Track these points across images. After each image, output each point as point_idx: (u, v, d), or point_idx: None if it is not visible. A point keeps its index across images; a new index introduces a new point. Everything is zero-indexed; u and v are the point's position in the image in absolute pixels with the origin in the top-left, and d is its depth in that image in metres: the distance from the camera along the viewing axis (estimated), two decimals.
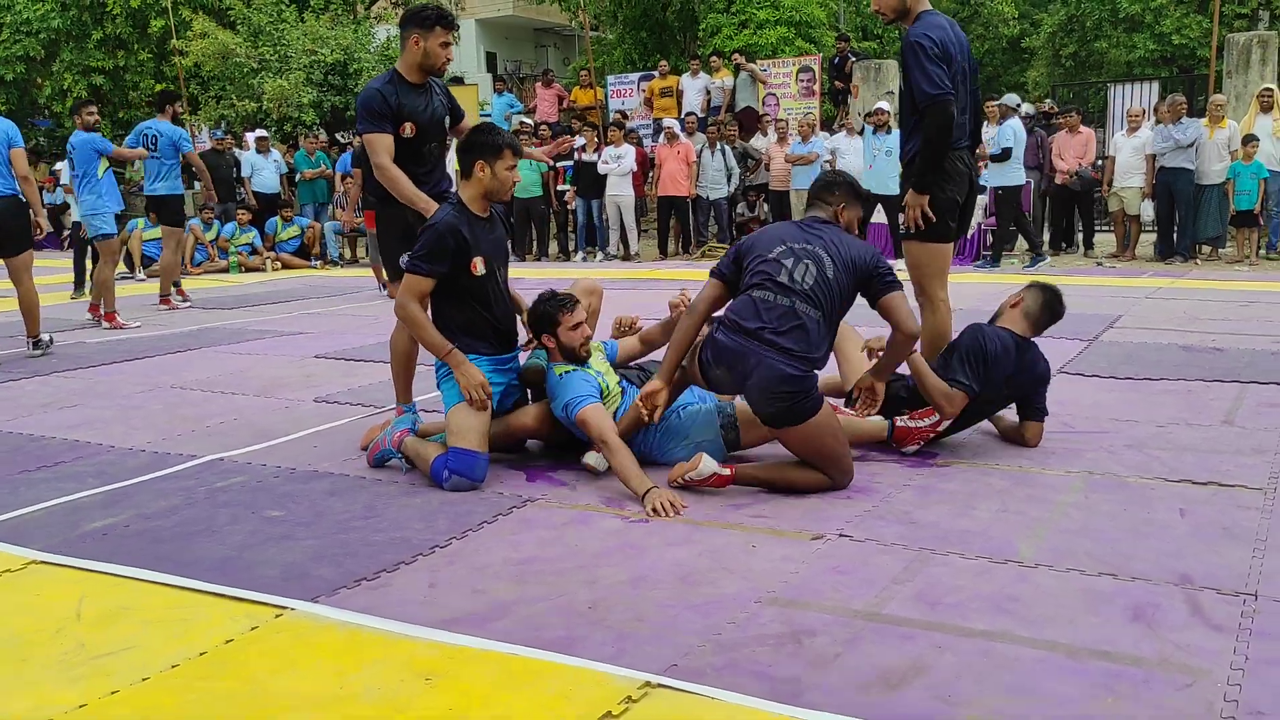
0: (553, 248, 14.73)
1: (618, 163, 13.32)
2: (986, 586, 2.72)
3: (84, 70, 20.86)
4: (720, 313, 3.68)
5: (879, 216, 11.68)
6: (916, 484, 3.63)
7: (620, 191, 13.45)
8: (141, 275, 12.91)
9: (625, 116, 15.94)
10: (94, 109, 8.98)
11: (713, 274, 3.76)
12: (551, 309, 3.92)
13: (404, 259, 3.86)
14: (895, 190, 11.47)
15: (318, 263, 14.33)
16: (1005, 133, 11.37)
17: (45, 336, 7.02)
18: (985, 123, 13.39)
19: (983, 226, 12.09)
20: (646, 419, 3.68)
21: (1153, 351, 5.89)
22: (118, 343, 7.50)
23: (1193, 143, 11.10)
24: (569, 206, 14.31)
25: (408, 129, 4.17)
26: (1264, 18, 20.57)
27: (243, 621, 2.64)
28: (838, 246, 3.55)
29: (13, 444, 4.57)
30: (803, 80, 15.53)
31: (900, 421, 3.97)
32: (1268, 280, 9.36)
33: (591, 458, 3.80)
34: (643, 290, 9.49)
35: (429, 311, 3.86)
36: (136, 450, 4.39)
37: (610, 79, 17.81)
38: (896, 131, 11.75)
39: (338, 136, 16.80)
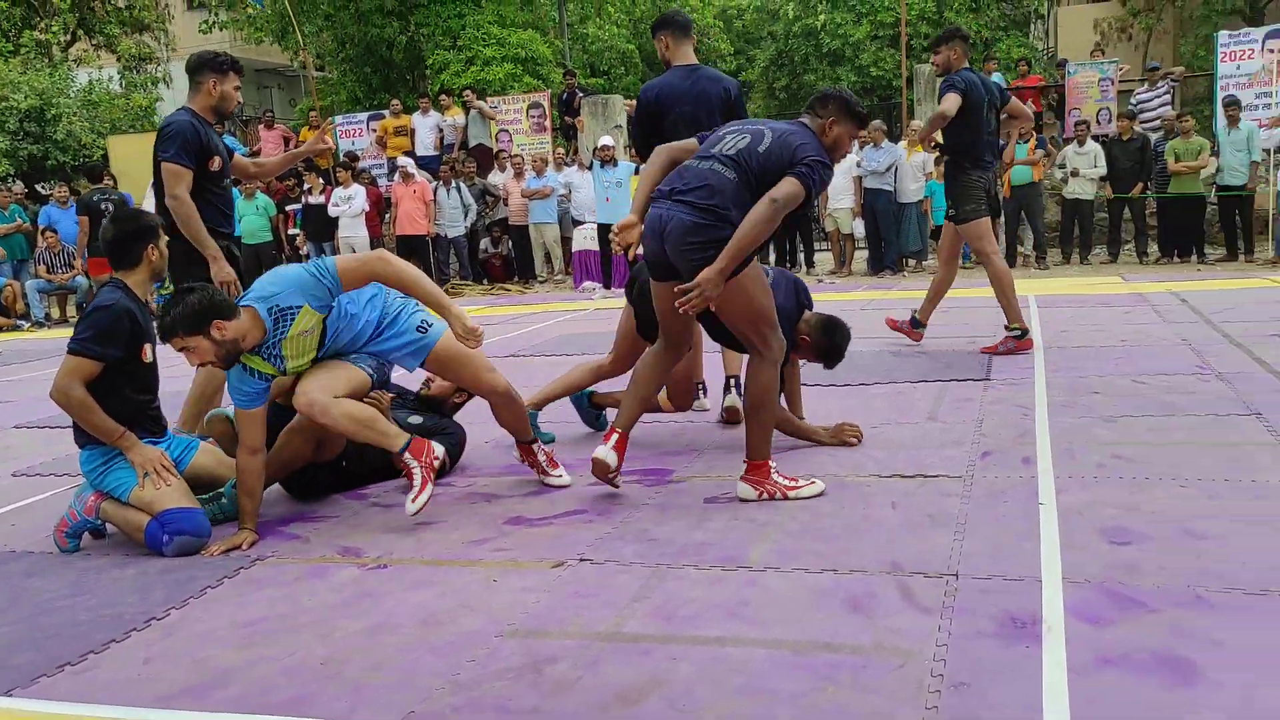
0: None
1: (348, 204, 12.98)
2: (719, 594, 2.81)
3: None
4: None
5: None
6: (655, 502, 3.71)
7: (353, 233, 13.12)
8: None
9: (356, 157, 15.58)
10: None
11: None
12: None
13: (70, 341, 3.59)
14: None
15: (24, 324, 13.12)
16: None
17: None
18: None
19: None
20: (619, 253, 3.76)
21: (868, 358, 6.31)
22: None
23: (889, 166, 12.07)
24: (300, 251, 13.81)
25: (215, 162, 4.52)
26: None
27: None
28: (787, 136, 3.52)
29: None
30: (533, 116, 15.72)
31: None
32: (966, 287, 10.26)
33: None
34: None
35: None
36: None
37: (338, 119, 17.37)
38: (623, 164, 12.14)
39: (38, 188, 15.50)
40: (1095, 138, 12.64)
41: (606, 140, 11.84)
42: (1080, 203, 12.44)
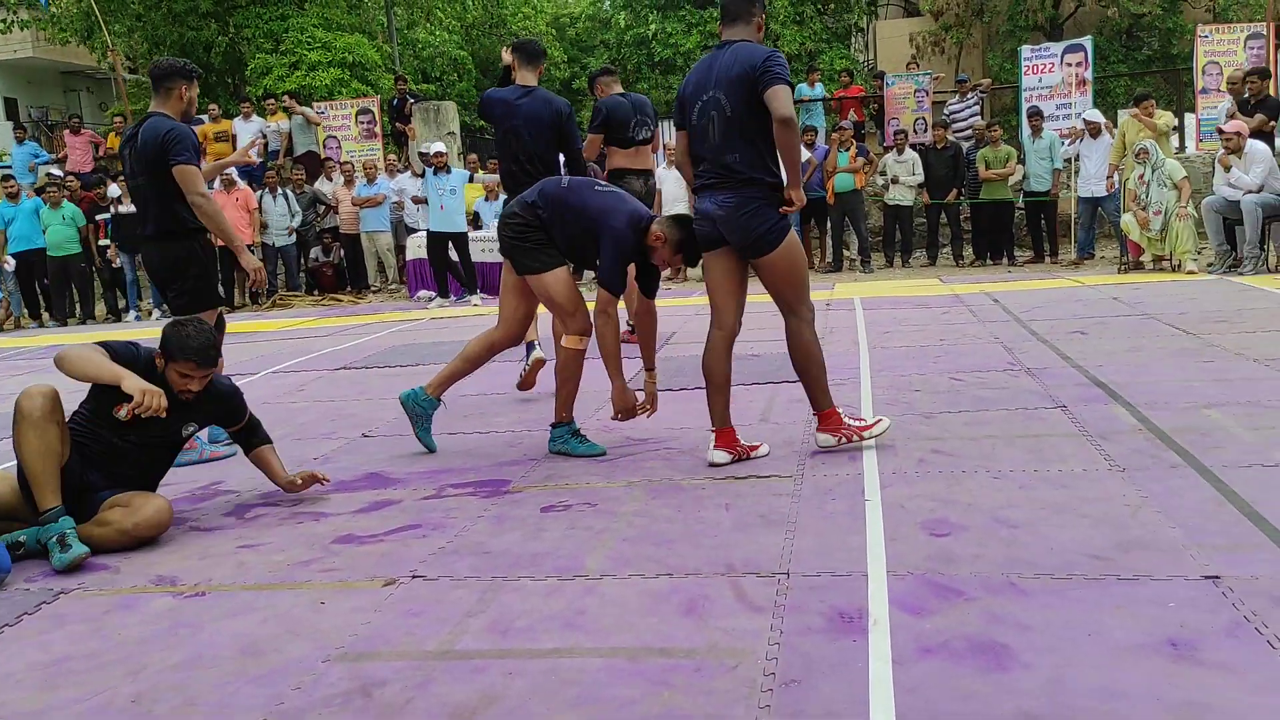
0: (100, 308, 13.39)
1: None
2: (556, 605, 2.78)
3: None
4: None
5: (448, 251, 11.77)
6: (491, 514, 3.65)
7: None
8: None
9: None
10: None
11: (677, 126, 4.11)
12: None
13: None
14: (464, 228, 11.67)
15: None
16: None
17: None
18: None
19: None
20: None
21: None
22: None
23: None
24: (113, 263, 13.08)
25: (202, 165, 4.82)
26: None
27: None
28: (728, 69, 3.82)
29: None
30: (363, 122, 15.34)
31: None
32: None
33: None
34: None
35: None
36: None
37: None
38: (457, 171, 11.98)
39: None
40: (913, 146, 13.22)
41: (439, 146, 11.64)
42: (900, 208, 12.98)
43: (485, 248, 11.99)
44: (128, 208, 12.53)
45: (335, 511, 3.81)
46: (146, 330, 11.15)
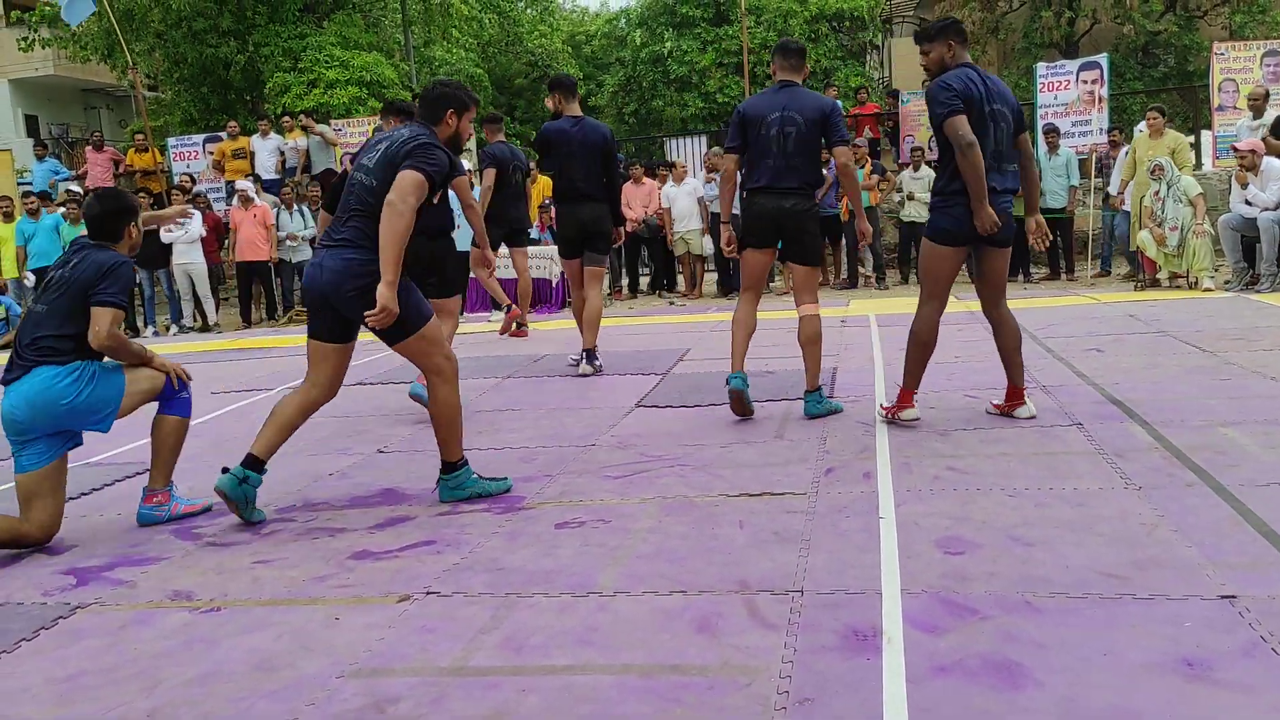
0: None
1: (183, 229, 12.45)
2: (569, 621, 2.78)
3: None
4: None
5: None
6: (505, 530, 3.66)
7: (190, 259, 12.59)
8: None
9: (193, 180, 14.99)
10: None
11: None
12: None
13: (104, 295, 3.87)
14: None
15: None
16: None
17: None
18: None
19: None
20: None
21: (717, 379, 6.39)
22: None
23: None
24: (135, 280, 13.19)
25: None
26: None
27: None
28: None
29: None
30: None
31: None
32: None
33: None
34: (227, 363, 8.89)
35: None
36: None
37: (171, 141, 16.68)
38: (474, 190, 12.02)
39: None
40: (929, 163, 13.21)
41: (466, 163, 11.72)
42: (916, 225, 12.94)
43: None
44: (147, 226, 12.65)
45: (351, 527, 3.83)
46: (165, 345, 11.24)
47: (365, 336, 4.00)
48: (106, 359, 3.99)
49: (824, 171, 5.75)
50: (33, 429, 3.79)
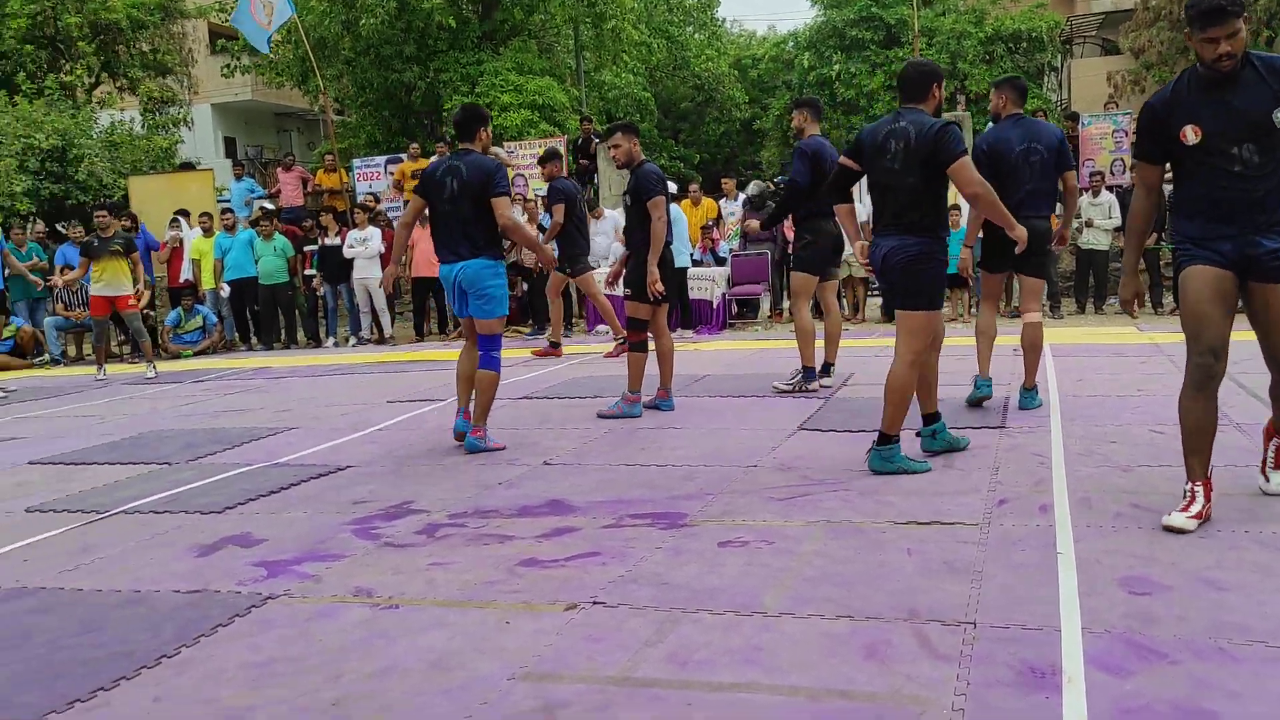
0: (301, 335, 14.24)
1: (363, 245, 13.08)
2: (734, 640, 2.78)
3: None
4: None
5: None
6: (668, 546, 3.69)
7: (368, 274, 13.19)
8: None
9: (377, 200, 15.73)
10: None
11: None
12: None
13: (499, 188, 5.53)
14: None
15: (41, 359, 13.23)
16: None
17: None
18: (724, 197, 14.20)
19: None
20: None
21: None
22: None
23: None
24: (317, 292, 13.91)
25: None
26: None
27: None
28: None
29: None
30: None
31: None
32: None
33: None
34: (398, 374, 9.28)
35: None
36: None
37: (356, 162, 17.54)
38: (609, 214, 12.27)
39: (58, 226, 15.64)
40: (1109, 188, 12.67)
41: None
42: (1095, 253, 12.45)
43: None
44: (332, 241, 13.32)
45: (520, 535, 3.93)
46: (345, 355, 11.80)
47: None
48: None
49: None
50: None
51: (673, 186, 12.55)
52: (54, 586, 3.63)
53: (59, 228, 15.45)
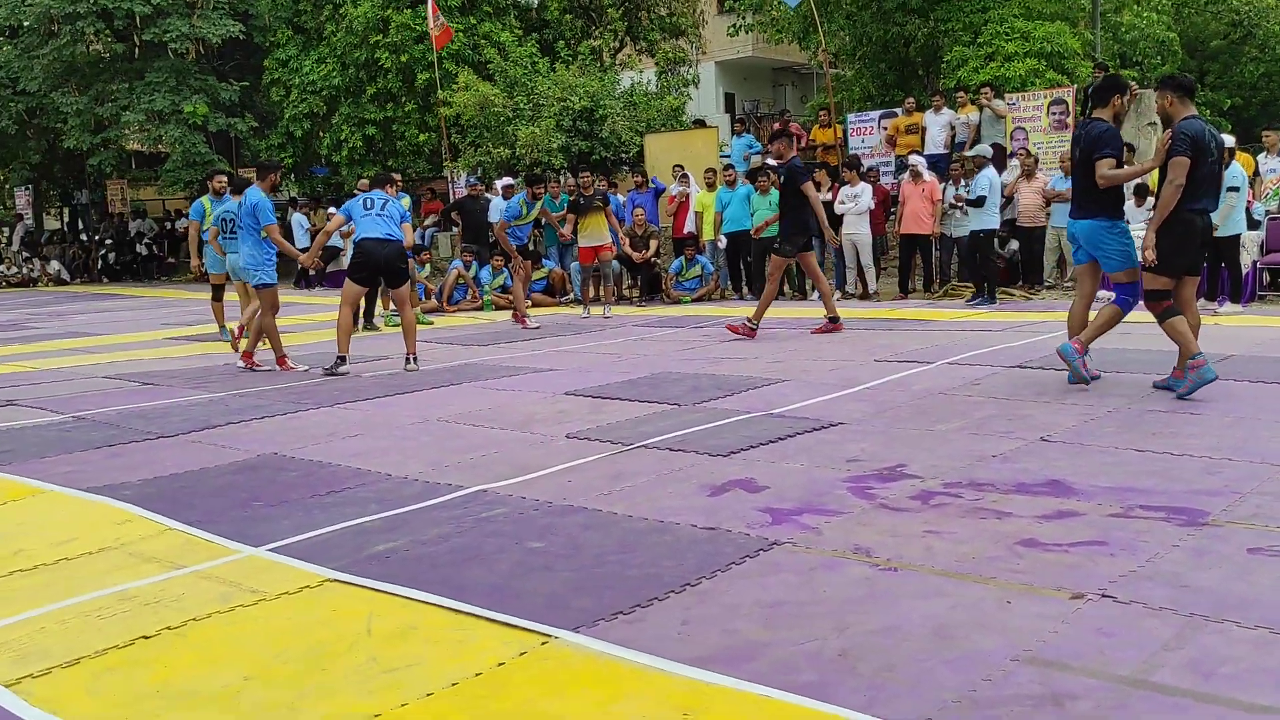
0: (788, 288, 14.78)
1: (854, 202, 13.24)
2: (1269, 660, 2.55)
3: (359, 123, 22.66)
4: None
5: None
6: (1188, 545, 3.43)
7: (857, 230, 13.35)
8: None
9: (859, 159, 15.84)
10: (224, 179, 10.93)
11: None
12: None
13: None
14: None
15: (566, 298, 15.04)
16: (980, 182, 11.98)
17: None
18: (1265, 151, 12.51)
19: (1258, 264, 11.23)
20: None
21: None
22: (389, 378, 8.13)
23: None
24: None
25: None
26: None
27: (513, 646, 2.84)
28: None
29: (305, 470, 5.07)
30: (1055, 113, 14.90)
31: None
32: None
33: None
34: (883, 331, 9.35)
35: None
36: (410, 479, 4.76)
37: (850, 117, 17.72)
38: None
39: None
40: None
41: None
42: None
43: None
44: (824, 196, 13.63)
45: (1018, 513, 3.86)
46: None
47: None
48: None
49: None
50: None
51: (1229, 139, 11.23)
52: (594, 508, 4.18)
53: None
